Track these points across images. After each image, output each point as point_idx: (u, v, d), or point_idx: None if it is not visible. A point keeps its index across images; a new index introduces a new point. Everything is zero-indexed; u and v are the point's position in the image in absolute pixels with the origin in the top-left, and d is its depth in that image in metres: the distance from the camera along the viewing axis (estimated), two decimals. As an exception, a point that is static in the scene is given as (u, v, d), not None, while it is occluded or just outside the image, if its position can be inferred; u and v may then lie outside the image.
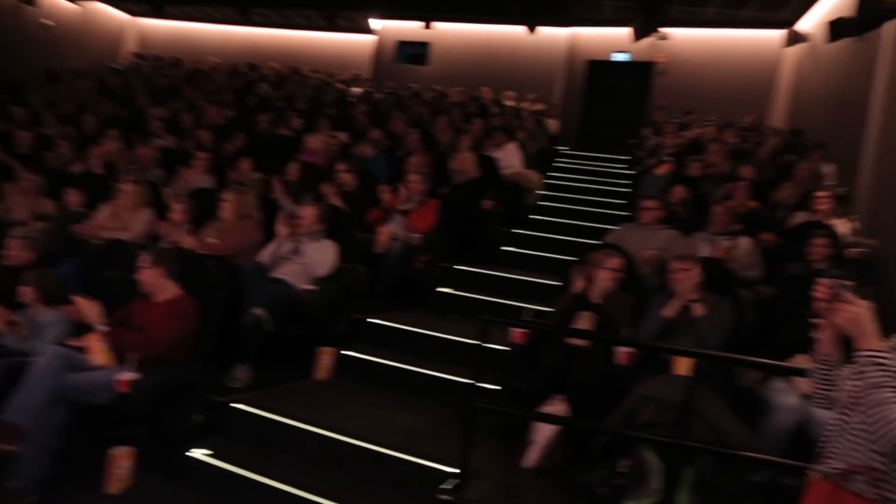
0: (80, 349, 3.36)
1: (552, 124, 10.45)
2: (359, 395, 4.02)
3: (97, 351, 3.36)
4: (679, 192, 5.78)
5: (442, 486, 2.89)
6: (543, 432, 3.17)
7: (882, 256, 4.89)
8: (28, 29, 13.15)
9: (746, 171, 6.36)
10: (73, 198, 5.16)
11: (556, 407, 3.20)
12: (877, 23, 5.91)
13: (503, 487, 3.08)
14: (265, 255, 4.30)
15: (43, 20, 13.36)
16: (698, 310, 3.48)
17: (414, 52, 13.72)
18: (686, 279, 3.56)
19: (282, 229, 4.33)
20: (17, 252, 4.00)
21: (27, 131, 6.94)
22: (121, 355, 3.33)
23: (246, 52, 14.30)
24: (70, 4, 14.16)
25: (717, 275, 3.89)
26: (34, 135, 6.92)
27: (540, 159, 8.31)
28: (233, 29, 15.17)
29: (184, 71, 12.39)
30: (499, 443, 3.43)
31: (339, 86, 11.73)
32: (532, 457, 3.18)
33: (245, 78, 11.77)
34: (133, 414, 3.28)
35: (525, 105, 10.63)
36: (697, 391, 2.69)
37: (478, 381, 2.86)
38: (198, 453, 3.39)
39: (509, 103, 10.68)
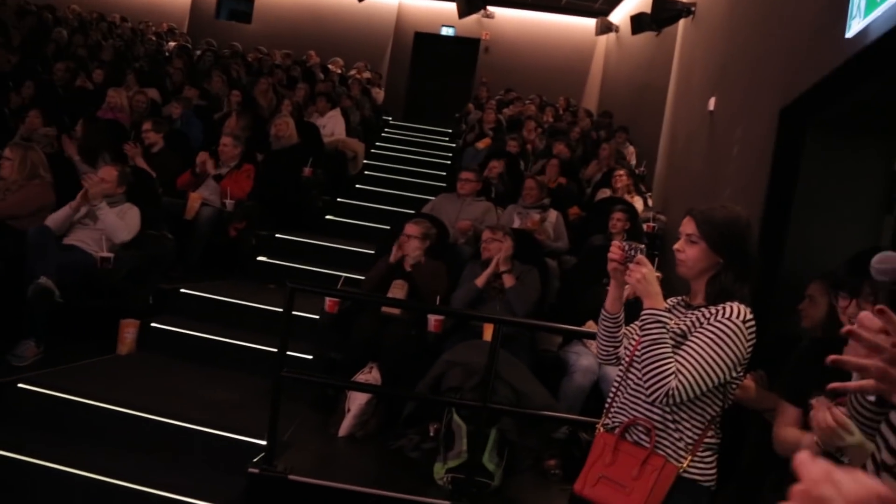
0: None
1: (379, 94, 10.43)
2: (165, 369, 3.81)
3: None
4: (496, 166, 6.04)
5: (254, 460, 2.84)
6: (356, 401, 3.21)
7: (670, 231, 5.49)
8: None
9: (559, 148, 6.79)
10: None
11: (369, 375, 3.25)
12: (669, 21, 6.52)
13: (316, 457, 3.08)
14: (54, 220, 3.87)
15: None
16: (508, 280, 3.68)
17: (237, 8, 13.01)
18: (497, 249, 3.75)
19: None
20: None
21: None
22: None
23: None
24: None
25: (526, 246, 4.13)
26: None
27: (365, 129, 8.28)
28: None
29: (-42, 6, 10.70)
30: (316, 414, 3.43)
31: (152, 38, 10.81)
32: (346, 426, 3.21)
33: (38, 18, 10.41)
34: None
35: (352, 73, 10.49)
36: (500, 356, 2.85)
37: (285, 351, 2.81)
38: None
39: (336, 70, 10.49)
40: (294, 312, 2.88)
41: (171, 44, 10.59)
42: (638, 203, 5.91)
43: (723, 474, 1.84)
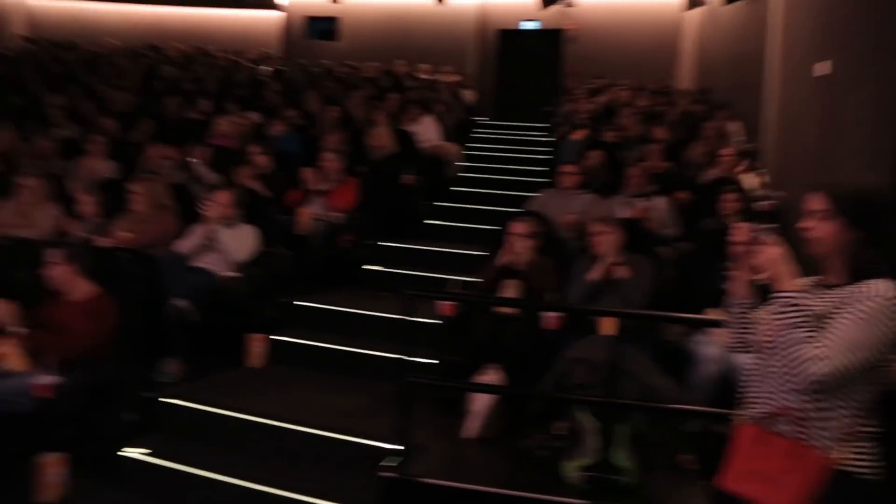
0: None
1: (468, 95, 10.48)
2: (293, 379, 3.98)
3: (12, 356, 3.19)
4: (595, 156, 5.93)
5: (384, 464, 2.91)
6: (481, 402, 3.23)
7: (789, 207, 5.20)
8: None
9: (658, 132, 6.59)
10: None
11: (491, 376, 3.26)
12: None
13: (446, 460, 3.13)
14: (182, 245, 4.15)
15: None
16: (621, 271, 3.60)
17: (323, 27, 13.42)
18: (606, 241, 3.68)
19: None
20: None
21: None
22: (39, 358, 3.18)
23: (147, 33, 13.60)
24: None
25: (636, 235, 4.03)
26: None
27: (458, 131, 8.33)
28: (132, 7, 14.38)
29: (81, 55, 11.66)
30: (438, 416, 3.47)
31: (248, 65, 11.35)
32: (471, 427, 3.24)
33: (148, 60, 11.20)
34: (59, 418, 3.15)
35: (440, 77, 10.60)
36: (623, 350, 2.80)
37: (409, 357, 2.87)
38: (134, 452, 3.30)
39: (424, 76, 10.63)
40: (403, 317, 2.93)
41: (267, 68, 11.07)
42: (751, 180, 5.64)
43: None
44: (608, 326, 3.03)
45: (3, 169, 5.57)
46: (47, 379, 3.08)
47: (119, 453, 3.30)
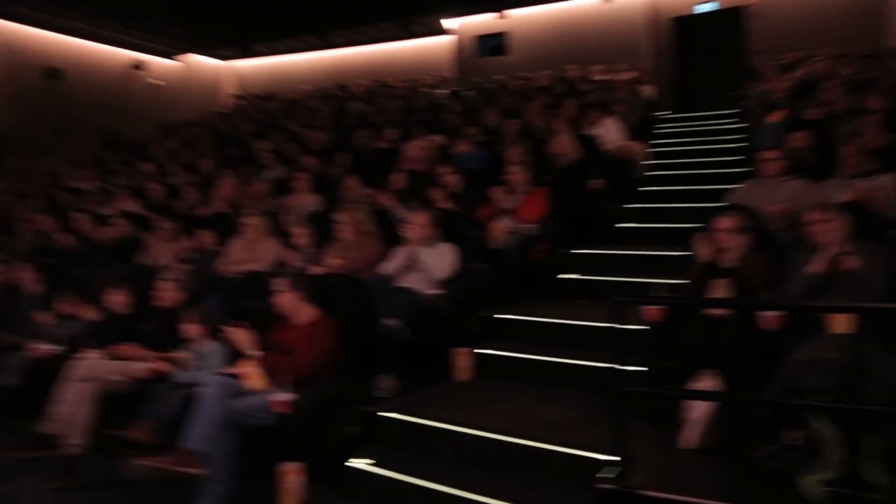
0: (236, 376, 3.61)
1: (647, 90, 10.09)
2: (500, 391, 4.06)
3: (253, 376, 3.59)
4: (799, 137, 5.42)
5: (601, 475, 2.86)
6: (698, 410, 3.07)
7: None
8: (139, 91, 14.26)
9: (873, 102, 5.87)
10: (206, 238, 5.52)
11: (708, 382, 3.08)
12: None
13: (665, 471, 2.99)
14: (388, 267, 4.42)
15: (152, 80, 14.45)
16: (850, 261, 3.24)
17: (493, 43, 13.68)
18: (830, 230, 3.34)
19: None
20: (170, 294, 4.34)
21: (156, 183, 7.51)
22: (274, 378, 3.55)
23: (333, 75, 14.78)
24: (171, 62, 15.20)
25: (861, 220, 3.61)
26: (163, 185, 7.47)
27: (641, 129, 8.04)
28: (317, 55, 15.75)
29: (281, 103, 12.97)
30: (648, 425, 3.34)
31: (426, 91, 11.87)
32: (690, 437, 3.08)
33: (337, 99, 12.15)
34: (295, 431, 3.47)
35: (615, 76, 10.32)
36: (864, 349, 2.50)
37: (620, 365, 2.80)
38: (359, 463, 3.54)
39: (599, 77, 10.41)
40: (610, 325, 2.86)
41: (443, 91, 11.51)
42: None
43: None
44: (841, 324, 2.74)
45: (229, 211, 6.33)
46: (284, 396, 3.41)
47: (346, 464, 3.57)
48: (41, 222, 7.02)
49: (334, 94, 12.79)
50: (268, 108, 12.76)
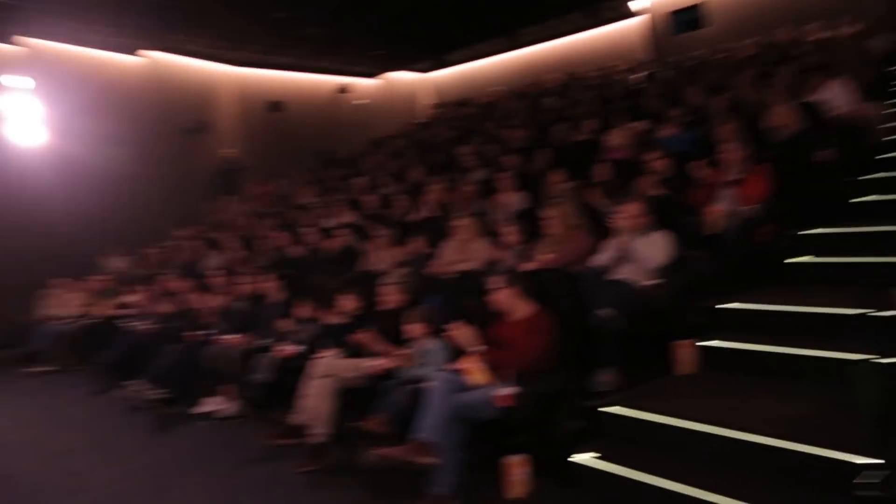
0: (459, 371, 3.77)
1: (878, 43, 8.85)
2: (728, 385, 3.80)
3: (476, 371, 3.72)
4: None
5: (861, 480, 2.56)
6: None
7: None
8: (347, 111, 15.54)
9: None
10: (420, 242, 5.85)
11: None
12: None
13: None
14: (599, 259, 4.35)
15: (356, 101, 15.69)
16: None
17: (688, 17, 12.93)
18: None
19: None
20: (393, 296, 4.66)
21: (370, 194, 8.12)
22: (496, 372, 3.65)
23: (524, 73, 14.91)
24: (372, 81, 16.36)
25: None
26: (376, 196, 8.05)
27: (873, 88, 7.07)
28: (507, 56, 15.99)
29: (476, 107, 13.35)
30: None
31: (620, 77, 11.51)
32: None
33: (531, 97, 12.23)
34: (519, 424, 3.55)
35: (836, 32, 9.19)
36: None
37: (882, 357, 2.48)
38: (583, 458, 3.51)
39: (816, 37, 9.36)
40: (864, 311, 2.55)
41: (638, 75, 11.07)
42: None
43: None
44: None
45: (440, 214, 6.64)
46: (506, 390, 3.50)
47: (570, 458, 3.55)
48: (277, 238, 7.89)
49: (527, 92, 12.89)
50: (465, 113, 13.20)
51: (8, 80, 10.17)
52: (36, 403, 6.65)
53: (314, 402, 4.30)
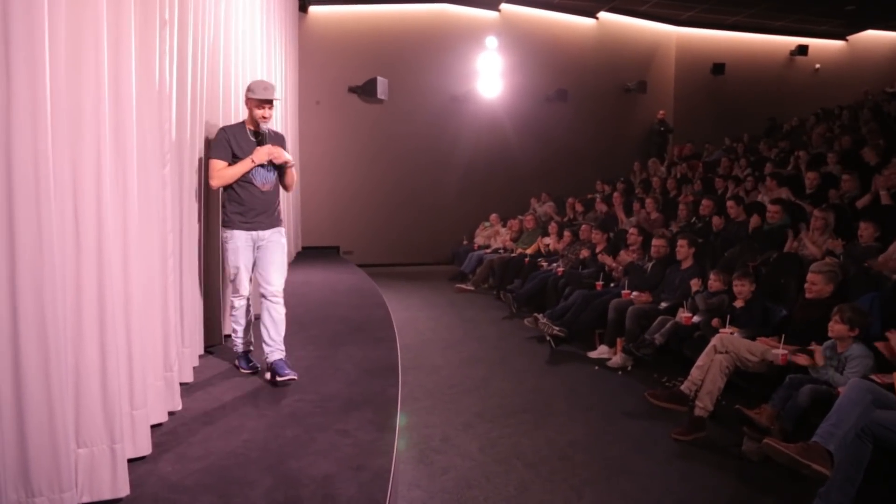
0: (886, 386, 3.27)
1: None
2: None
3: (905, 389, 3.20)
4: None
5: None
6: None
7: None
8: (800, 76, 14.02)
9: None
10: (866, 232, 5.09)
11: None
12: None
13: None
14: None
15: (818, 66, 14.00)
16: None
17: None
18: None
19: None
20: (819, 286, 4.21)
21: (811, 171, 7.28)
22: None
23: None
24: (836, 42, 14.34)
25: None
26: (818, 174, 7.19)
27: None
28: None
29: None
30: None
31: None
32: None
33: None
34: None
35: None
36: None
37: None
38: None
39: None
40: None
41: None
42: None
43: None
44: None
45: (894, 204, 5.61)
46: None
47: None
48: (700, 205, 7.68)
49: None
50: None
51: (488, 41, 11.84)
52: (458, 314, 7.95)
53: (706, 374, 4.23)
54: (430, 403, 4.71)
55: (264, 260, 3.93)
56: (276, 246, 3.96)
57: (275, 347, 3.89)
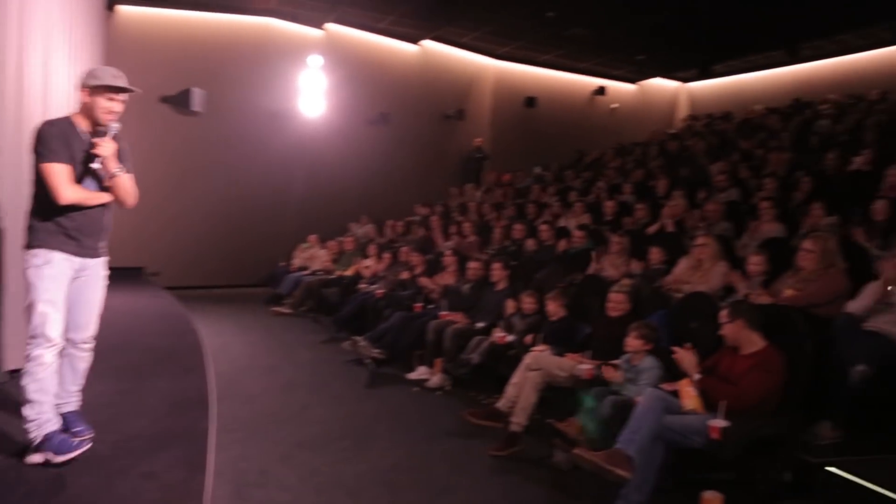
0: (672, 393, 3.64)
1: None
2: None
3: (689, 396, 3.57)
4: None
5: None
6: None
7: None
8: (598, 114, 15.45)
9: None
10: (655, 255, 5.67)
11: None
12: None
13: None
14: (855, 306, 3.89)
15: (614, 105, 15.53)
16: None
17: None
18: None
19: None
20: (620, 305, 4.61)
21: (610, 200, 8.01)
22: (708, 402, 3.48)
23: (794, 92, 13.55)
24: (629, 86, 16.01)
25: None
26: (615, 203, 7.93)
27: None
28: (779, 71, 14.67)
29: (735, 123, 12.47)
30: None
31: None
32: None
33: (800, 118, 11.11)
34: (722, 461, 3.37)
35: None
36: None
37: None
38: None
39: None
40: None
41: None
42: None
43: None
44: None
45: (677, 231, 6.37)
46: (719, 422, 3.31)
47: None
48: (512, 229, 8.13)
49: (797, 112, 11.72)
50: (722, 128, 12.39)
51: (311, 59, 11.66)
52: (274, 338, 7.68)
53: (520, 391, 4.43)
54: (246, 435, 4.46)
55: (82, 298, 3.02)
56: (100, 282, 3.10)
57: (69, 400, 3.17)
